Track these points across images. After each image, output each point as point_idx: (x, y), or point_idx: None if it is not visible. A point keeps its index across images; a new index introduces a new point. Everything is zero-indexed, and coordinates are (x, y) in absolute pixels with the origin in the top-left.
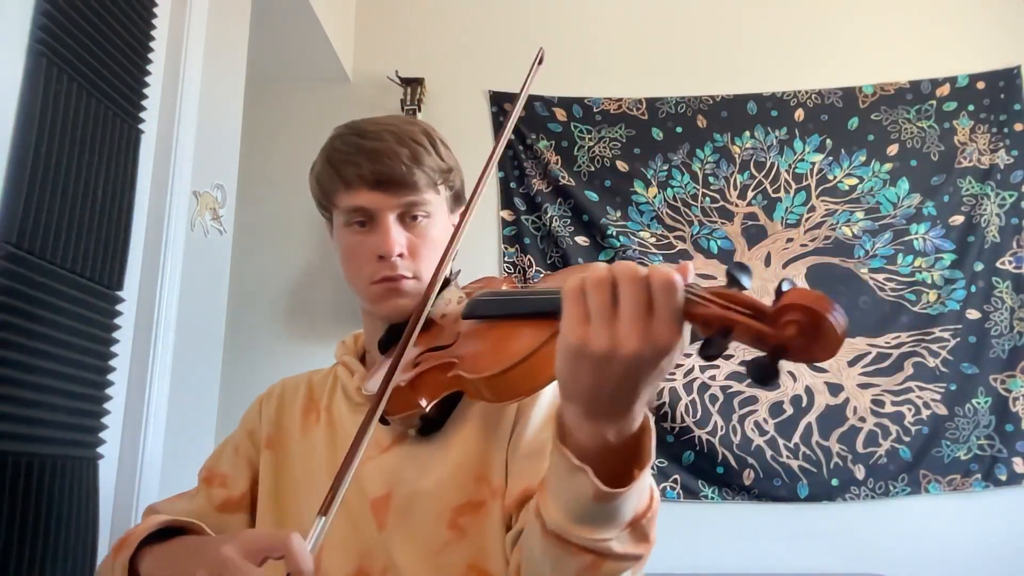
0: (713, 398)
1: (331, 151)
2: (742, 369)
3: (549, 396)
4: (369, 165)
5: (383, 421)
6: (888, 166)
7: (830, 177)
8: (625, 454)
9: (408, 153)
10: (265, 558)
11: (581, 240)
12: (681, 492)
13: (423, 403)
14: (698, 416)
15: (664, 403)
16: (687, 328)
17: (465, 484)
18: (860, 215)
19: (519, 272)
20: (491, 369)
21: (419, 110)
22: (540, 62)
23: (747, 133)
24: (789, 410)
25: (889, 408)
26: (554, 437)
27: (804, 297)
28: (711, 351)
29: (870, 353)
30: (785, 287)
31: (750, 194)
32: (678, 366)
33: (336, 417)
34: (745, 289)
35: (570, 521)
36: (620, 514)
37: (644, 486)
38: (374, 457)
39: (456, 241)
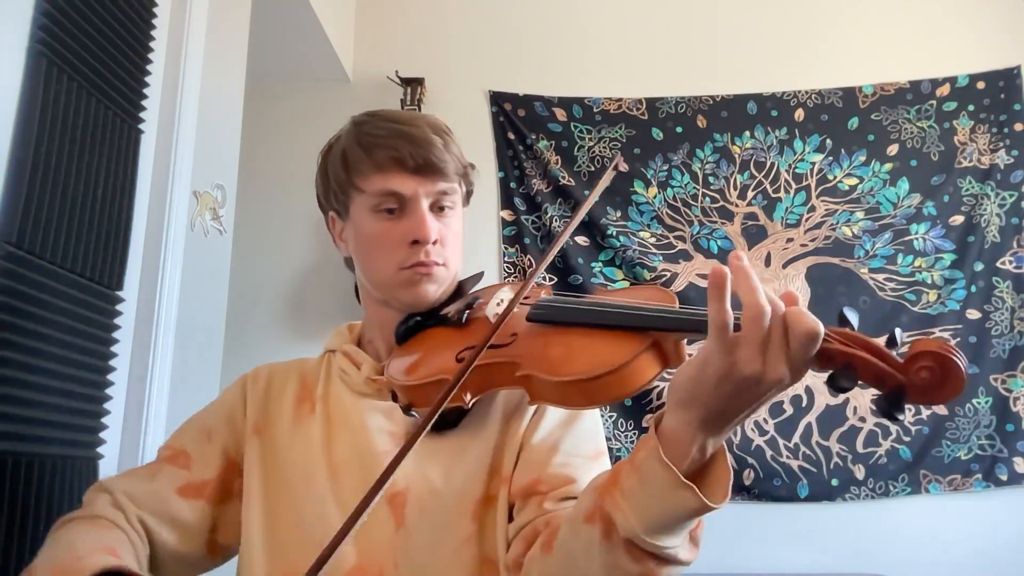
0: None
1: (361, 135)
2: None
3: None
4: (409, 149)
5: (406, 412)
6: (888, 166)
7: (830, 177)
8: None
9: (442, 142)
10: None
11: (581, 240)
12: None
13: (467, 398)
14: None
15: (664, 403)
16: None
17: (485, 478)
18: (860, 215)
19: (519, 272)
20: (580, 374)
21: (419, 110)
22: (615, 168)
23: (747, 133)
24: (789, 410)
25: None
26: (652, 452)
27: (933, 344)
28: (840, 383)
29: None
30: (899, 334)
31: (750, 194)
32: None
33: (335, 407)
34: (853, 328)
35: (649, 530)
36: (689, 525)
37: None
38: (390, 451)
39: (557, 244)
